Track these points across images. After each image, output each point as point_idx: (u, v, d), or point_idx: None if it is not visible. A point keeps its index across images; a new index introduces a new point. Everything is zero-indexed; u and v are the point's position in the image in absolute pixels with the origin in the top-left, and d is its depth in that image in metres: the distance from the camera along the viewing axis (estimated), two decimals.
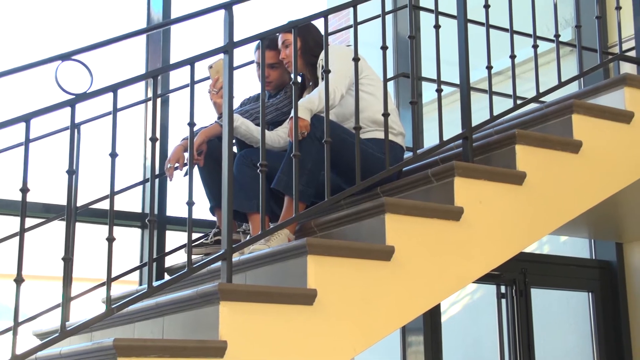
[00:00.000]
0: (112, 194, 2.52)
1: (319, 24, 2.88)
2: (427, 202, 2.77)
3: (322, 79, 3.13)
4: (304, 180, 3.01)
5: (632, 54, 3.54)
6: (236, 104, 3.73)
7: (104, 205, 3.66)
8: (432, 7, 3.09)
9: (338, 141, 3.01)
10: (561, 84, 3.29)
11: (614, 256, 5.18)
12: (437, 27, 3.06)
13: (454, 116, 3.02)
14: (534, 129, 3.15)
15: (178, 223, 3.93)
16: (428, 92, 4.81)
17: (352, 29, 2.90)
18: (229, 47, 2.61)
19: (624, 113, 3.13)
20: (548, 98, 3.42)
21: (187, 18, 2.70)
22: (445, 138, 3.02)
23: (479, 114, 3.22)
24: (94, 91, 2.51)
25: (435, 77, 3.09)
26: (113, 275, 2.46)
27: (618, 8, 3.51)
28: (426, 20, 4.03)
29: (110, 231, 2.45)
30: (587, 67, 3.53)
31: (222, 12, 2.63)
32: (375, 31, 2.99)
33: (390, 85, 4.51)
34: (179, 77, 4.01)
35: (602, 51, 3.47)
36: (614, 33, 3.68)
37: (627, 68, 4.00)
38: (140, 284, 3.85)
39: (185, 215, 2.54)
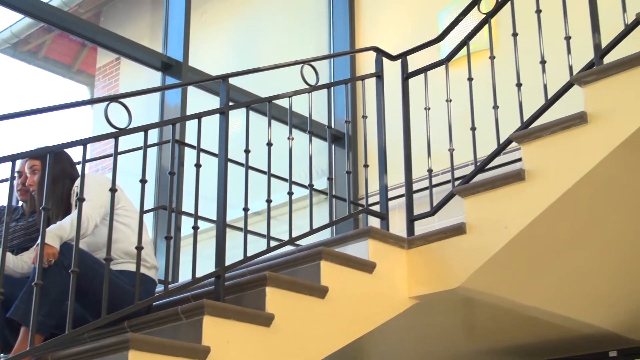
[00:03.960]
0: None
1: (78, 150, 2.82)
2: (174, 340, 2.71)
3: (76, 206, 3.04)
4: (45, 310, 2.83)
5: (377, 208, 3.81)
6: None
7: None
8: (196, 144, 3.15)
9: (87, 271, 2.89)
10: (312, 231, 3.45)
11: None
12: (197, 165, 3.12)
13: (214, 251, 3.04)
14: (285, 271, 3.24)
15: None
16: (188, 225, 4.81)
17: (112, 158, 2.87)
18: None
19: (367, 263, 3.33)
20: (309, 240, 3.55)
21: None
22: (201, 274, 3.02)
23: (237, 251, 3.27)
24: None
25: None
26: None
27: (366, 166, 3.81)
28: (191, 155, 4.09)
29: None
30: (339, 216, 3.75)
31: None
32: (139, 161, 2.99)
33: (150, 217, 4.47)
34: None
35: (351, 202, 3.71)
36: (363, 187, 3.96)
37: (374, 220, 4.30)
38: None
39: None
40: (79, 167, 3.47)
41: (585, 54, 3.32)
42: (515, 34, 3.59)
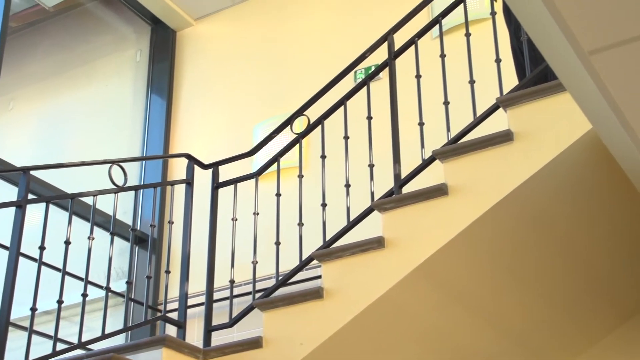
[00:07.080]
0: None
1: None
2: None
3: None
4: None
5: (177, 315, 3.73)
6: None
7: None
8: None
9: None
10: (104, 335, 3.31)
11: None
12: None
13: None
14: None
15: None
16: None
17: None
18: None
19: None
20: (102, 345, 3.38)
21: None
22: None
23: (19, 352, 3.06)
24: None
25: None
26: None
27: (167, 272, 3.74)
28: None
29: None
30: (137, 321, 3.62)
31: None
32: None
33: None
34: None
35: (149, 308, 3.61)
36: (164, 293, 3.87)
37: (174, 328, 4.19)
38: None
39: None
40: None
41: (387, 181, 3.53)
42: (323, 156, 3.75)
